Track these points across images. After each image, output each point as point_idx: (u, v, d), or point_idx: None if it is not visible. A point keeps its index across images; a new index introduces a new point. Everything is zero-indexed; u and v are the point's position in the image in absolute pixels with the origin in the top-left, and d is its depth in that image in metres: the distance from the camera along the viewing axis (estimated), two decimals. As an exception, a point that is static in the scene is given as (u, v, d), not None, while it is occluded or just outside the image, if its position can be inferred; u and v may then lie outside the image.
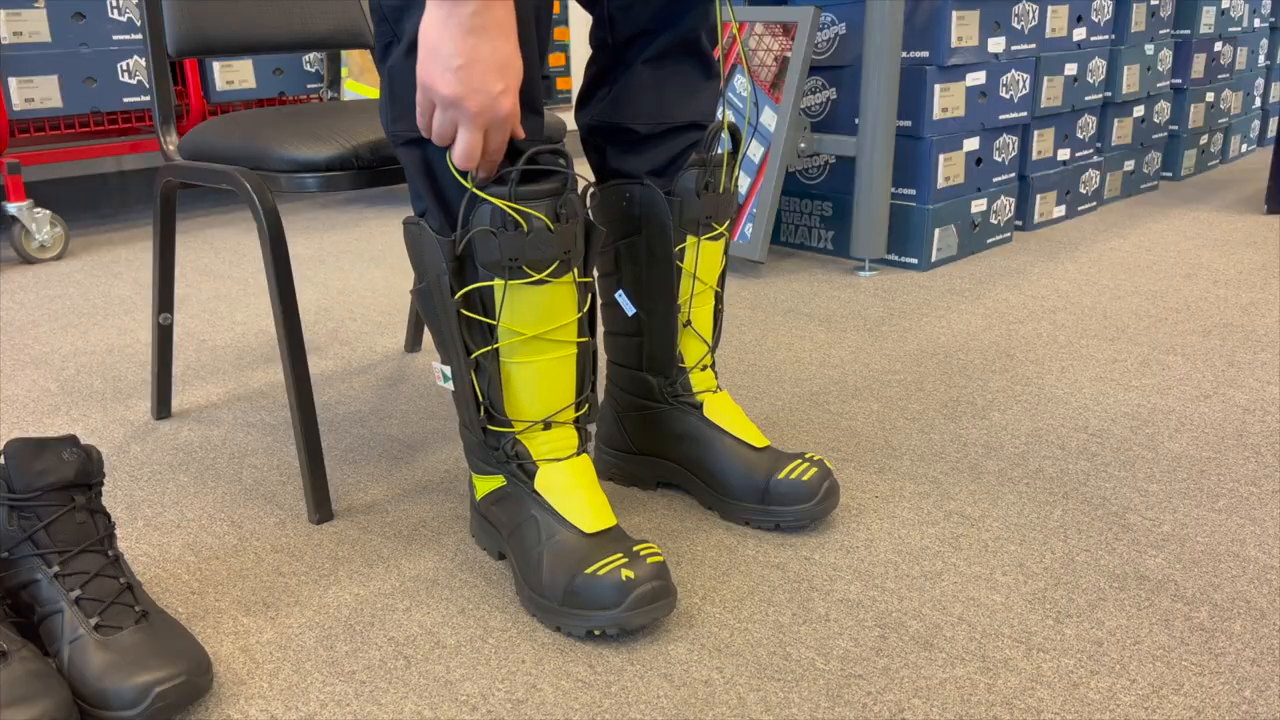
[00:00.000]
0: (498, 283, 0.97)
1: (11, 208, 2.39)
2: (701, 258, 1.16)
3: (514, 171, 0.94)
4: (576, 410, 1.05)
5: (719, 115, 1.63)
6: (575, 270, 1.00)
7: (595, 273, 1.21)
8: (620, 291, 1.18)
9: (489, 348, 1.00)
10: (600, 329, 1.59)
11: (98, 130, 2.66)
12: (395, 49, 0.95)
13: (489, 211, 0.95)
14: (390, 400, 1.57)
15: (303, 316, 2.01)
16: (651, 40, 1.10)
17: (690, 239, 1.14)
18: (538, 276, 0.97)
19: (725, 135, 1.14)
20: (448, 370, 1.05)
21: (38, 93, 2.47)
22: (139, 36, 2.62)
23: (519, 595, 1.03)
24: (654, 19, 1.09)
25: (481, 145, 0.91)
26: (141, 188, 3.13)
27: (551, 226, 0.96)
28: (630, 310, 1.17)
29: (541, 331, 1.00)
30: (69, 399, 1.59)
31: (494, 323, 0.99)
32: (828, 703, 0.88)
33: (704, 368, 1.21)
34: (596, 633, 0.96)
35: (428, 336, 1.84)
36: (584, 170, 3.54)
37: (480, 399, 1.03)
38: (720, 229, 1.16)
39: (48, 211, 2.44)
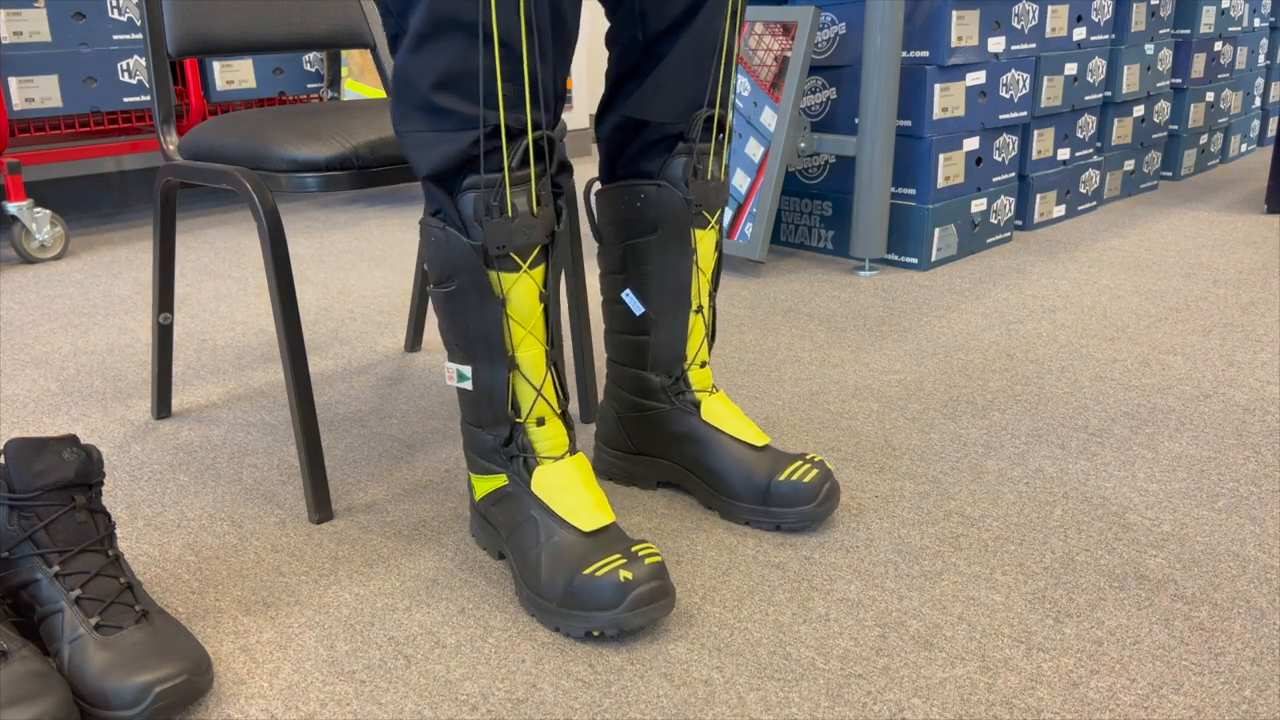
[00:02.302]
0: (491, 274, 0.98)
1: (11, 207, 2.39)
2: (698, 249, 1.16)
3: (514, 157, 0.94)
4: (560, 407, 1.05)
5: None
6: (543, 268, 1.00)
7: (599, 270, 1.21)
8: (628, 290, 1.18)
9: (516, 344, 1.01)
10: (602, 327, 1.58)
11: (98, 130, 2.66)
12: (401, 44, 0.95)
13: (470, 201, 0.95)
14: (390, 400, 1.57)
15: (303, 316, 2.01)
16: (679, 34, 1.09)
17: None
18: (524, 267, 0.97)
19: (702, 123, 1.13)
20: (466, 370, 1.04)
21: (38, 92, 2.47)
22: (139, 36, 2.62)
23: (518, 596, 1.03)
24: (685, 13, 1.08)
25: None
26: (141, 187, 3.13)
27: (535, 211, 0.96)
28: (639, 310, 1.17)
29: (530, 326, 1.00)
30: (69, 399, 1.59)
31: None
32: (828, 702, 0.88)
33: (702, 364, 1.21)
34: (595, 633, 0.96)
35: (429, 336, 1.84)
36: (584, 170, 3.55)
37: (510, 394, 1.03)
38: (712, 219, 1.16)
39: (48, 211, 2.44)
